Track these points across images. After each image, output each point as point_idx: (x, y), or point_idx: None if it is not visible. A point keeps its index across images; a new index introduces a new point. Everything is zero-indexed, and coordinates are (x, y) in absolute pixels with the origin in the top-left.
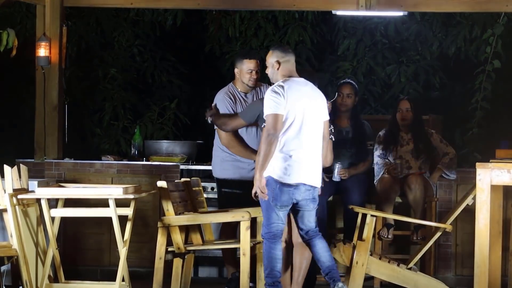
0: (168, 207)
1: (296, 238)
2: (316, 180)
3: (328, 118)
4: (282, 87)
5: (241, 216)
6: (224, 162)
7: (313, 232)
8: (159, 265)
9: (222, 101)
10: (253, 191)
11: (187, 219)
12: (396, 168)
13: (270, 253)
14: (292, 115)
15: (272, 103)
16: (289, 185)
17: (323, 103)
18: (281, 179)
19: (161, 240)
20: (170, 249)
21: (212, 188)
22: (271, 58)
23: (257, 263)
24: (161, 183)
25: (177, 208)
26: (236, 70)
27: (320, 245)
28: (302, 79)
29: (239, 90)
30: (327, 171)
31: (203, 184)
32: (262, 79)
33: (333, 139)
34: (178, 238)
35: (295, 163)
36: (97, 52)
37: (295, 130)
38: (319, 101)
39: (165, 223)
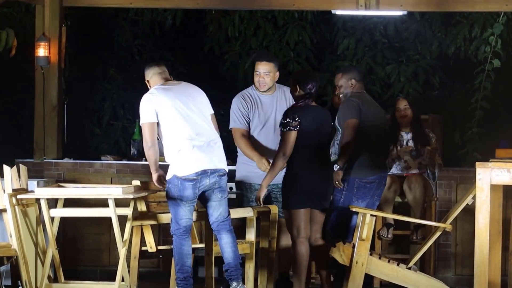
0: (142, 206)
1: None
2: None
3: (212, 112)
4: (150, 93)
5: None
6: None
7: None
8: (134, 264)
9: (234, 102)
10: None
11: (154, 218)
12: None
13: (181, 249)
14: (170, 116)
15: (143, 112)
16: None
17: (202, 98)
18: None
19: (135, 239)
20: (143, 248)
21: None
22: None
23: (246, 263)
24: (135, 182)
25: (155, 207)
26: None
27: (227, 240)
28: (172, 82)
29: (257, 92)
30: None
31: None
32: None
33: None
34: (150, 237)
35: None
36: (97, 52)
37: (179, 126)
38: (195, 96)
39: (137, 223)
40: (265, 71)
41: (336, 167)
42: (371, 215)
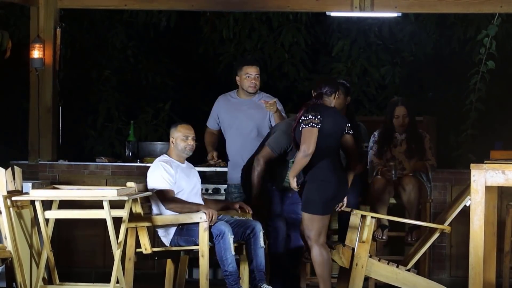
0: (137, 208)
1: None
2: None
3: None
4: None
5: (198, 218)
6: None
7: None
8: (128, 265)
9: (216, 103)
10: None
11: (149, 220)
12: (390, 170)
13: None
14: None
15: None
16: None
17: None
18: None
19: (130, 241)
20: (138, 250)
21: (207, 190)
22: None
23: (240, 264)
24: (130, 184)
25: (149, 209)
26: (236, 78)
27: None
28: None
29: (240, 97)
30: None
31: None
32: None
33: (351, 133)
34: (145, 239)
35: None
36: (91, 53)
37: None
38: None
39: (132, 224)
40: (255, 74)
41: None
42: (372, 217)
